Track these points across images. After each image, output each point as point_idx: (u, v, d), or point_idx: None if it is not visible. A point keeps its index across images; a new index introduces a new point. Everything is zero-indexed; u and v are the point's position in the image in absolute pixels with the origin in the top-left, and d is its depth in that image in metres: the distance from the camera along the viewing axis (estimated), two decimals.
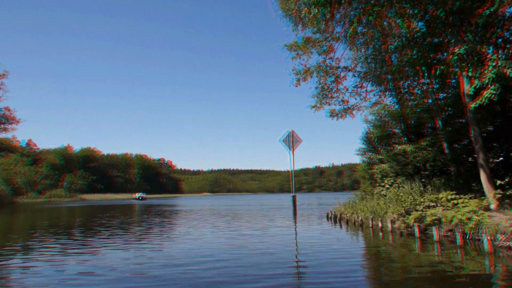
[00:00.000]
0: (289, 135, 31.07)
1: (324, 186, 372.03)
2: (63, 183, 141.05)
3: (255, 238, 15.81)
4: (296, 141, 30.80)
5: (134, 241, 16.05)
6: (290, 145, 30.53)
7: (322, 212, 28.74)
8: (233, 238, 15.99)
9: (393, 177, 17.38)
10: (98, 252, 13.40)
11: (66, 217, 33.91)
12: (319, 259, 11.31)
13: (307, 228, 18.60)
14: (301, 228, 18.67)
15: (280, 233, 17.06)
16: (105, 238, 17.30)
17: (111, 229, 21.05)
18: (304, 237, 15.85)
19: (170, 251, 13.16)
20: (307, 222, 21.48)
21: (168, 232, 18.89)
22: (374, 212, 17.68)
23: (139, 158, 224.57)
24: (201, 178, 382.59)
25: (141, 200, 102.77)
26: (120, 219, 28.85)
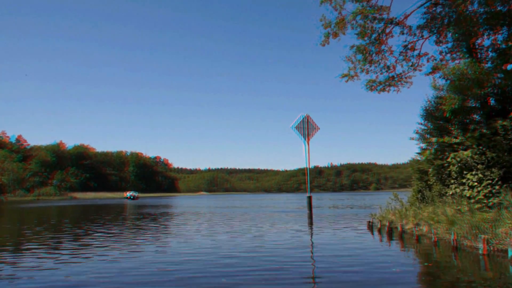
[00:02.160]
0: (303, 121, 24.82)
1: (323, 186, 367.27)
2: (53, 180, 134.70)
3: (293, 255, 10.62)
4: (313, 129, 24.83)
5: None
6: (305, 133, 24.60)
7: (344, 217, 23.37)
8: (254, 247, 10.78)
9: (482, 170, 11.63)
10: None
11: (38, 220, 28.53)
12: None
13: (347, 242, 13.11)
14: (340, 241, 13.25)
15: (325, 244, 12.17)
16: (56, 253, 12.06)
17: (72, 243, 15.70)
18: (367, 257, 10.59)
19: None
20: (339, 231, 16.21)
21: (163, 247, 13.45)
22: (470, 226, 11.04)
23: (134, 156, 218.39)
24: (198, 177, 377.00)
25: (133, 199, 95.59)
26: (97, 225, 23.42)
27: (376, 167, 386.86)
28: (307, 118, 24.56)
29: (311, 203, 24.48)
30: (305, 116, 24.77)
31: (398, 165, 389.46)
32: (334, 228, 17.89)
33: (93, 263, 10.39)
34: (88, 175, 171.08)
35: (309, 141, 24.13)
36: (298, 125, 24.48)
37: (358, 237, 14.34)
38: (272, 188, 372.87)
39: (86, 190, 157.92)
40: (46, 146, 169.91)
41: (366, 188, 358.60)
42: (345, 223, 20.11)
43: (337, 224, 19.66)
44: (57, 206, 58.46)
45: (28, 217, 31.29)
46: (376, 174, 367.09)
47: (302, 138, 24.32)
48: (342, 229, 17.28)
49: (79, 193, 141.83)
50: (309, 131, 24.32)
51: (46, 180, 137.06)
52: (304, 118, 24.57)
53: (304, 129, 24.19)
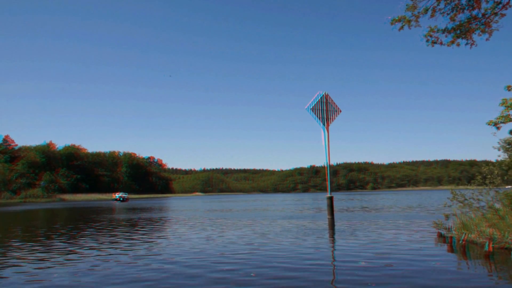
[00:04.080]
0: (321, 101, 19.65)
1: (319, 186, 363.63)
2: (40, 182, 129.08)
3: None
4: (333, 111, 19.79)
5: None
6: (323, 116, 19.47)
7: (377, 224, 17.72)
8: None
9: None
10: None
11: (7, 225, 23.79)
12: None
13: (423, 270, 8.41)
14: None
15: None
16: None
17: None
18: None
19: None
20: (395, 245, 11.63)
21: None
22: None
23: (127, 157, 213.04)
24: (193, 178, 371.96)
25: (122, 201, 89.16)
26: (60, 233, 18.76)
27: (372, 166, 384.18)
28: (326, 97, 19.48)
29: (332, 206, 19.07)
30: (324, 94, 19.74)
31: (394, 164, 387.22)
32: (384, 242, 12.56)
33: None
34: (79, 176, 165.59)
35: (328, 127, 19.16)
36: (315, 106, 19.44)
37: (444, 260, 9.63)
38: (268, 188, 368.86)
39: (77, 192, 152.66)
40: (35, 146, 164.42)
41: (363, 187, 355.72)
42: (392, 234, 13.99)
43: (380, 235, 13.87)
44: (40, 209, 53.60)
45: (2, 222, 26.64)
46: (372, 173, 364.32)
47: (320, 123, 19.52)
48: (397, 244, 11.86)
49: (69, 195, 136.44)
50: (329, 114, 19.35)
51: (34, 181, 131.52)
52: (322, 97, 19.51)
53: (323, 111, 19.35)
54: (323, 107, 19.31)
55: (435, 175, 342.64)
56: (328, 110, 19.46)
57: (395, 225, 17.35)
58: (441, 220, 13.97)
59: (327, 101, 19.49)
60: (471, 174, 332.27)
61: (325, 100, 19.48)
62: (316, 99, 19.33)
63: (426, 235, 13.86)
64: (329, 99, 19.57)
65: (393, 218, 21.16)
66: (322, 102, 19.40)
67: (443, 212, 15.33)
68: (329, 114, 19.46)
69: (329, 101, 19.54)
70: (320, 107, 19.30)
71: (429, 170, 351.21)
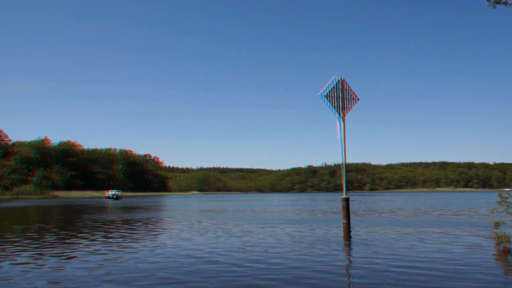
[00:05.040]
0: (336, 87, 16.86)
1: (317, 186, 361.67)
2: (33, 178, 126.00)
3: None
4: (350, 99, 17.05)
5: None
6: (339, 104, 16.73)
7: (400, 235, 14.20)
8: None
9: None
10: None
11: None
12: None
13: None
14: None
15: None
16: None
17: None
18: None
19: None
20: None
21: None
22: None
23: (123, 154, 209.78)
24: (190, 176, 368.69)
25: (116, 199, 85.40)
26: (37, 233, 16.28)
27: (370, 167, 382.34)
28: (342, 83, 17.14)
29: (349, 209, 16.28)
30: (340, 80, 17.16)
31: (392, 165, 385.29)
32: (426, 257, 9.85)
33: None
34: (74, 173, 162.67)
35: (344, 117, 16.65)
36: (329, 93, 16.63)
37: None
38: (265, 187, 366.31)
39: (71, 189, 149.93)
40: (29, 142, 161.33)
41: (361, 188, 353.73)
42: (434, 247, 11.20)
43: (414, 248, 11.11)
44: (26, 206, 51.05)
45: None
46: (370, 174, 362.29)
47: (335, 112, 16.67)
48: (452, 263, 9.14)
49: (62, 192, 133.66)
50: (346, 103, 16.80)
51: (27, 177, 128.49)
52: (338, 83, 17.07)
53: (338, 99, 16.71)
54: (339, 94, 16.65)
55: (433, 176, 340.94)
56: (345, 98, 16.75)
57: (429, 234, 14.52)
58: (505, 232, 10.88)
59: (343, 87, 16.81)
60: (469, 176, 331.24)
61: (341, 86, 16.77)
62: (330, 85, 16.56)
63: (483, 250, 11.07)
64: (345, 85, 16.86)
65: (419, 224, 18.26)
66: (338, 88, 16.69)
67: (491, 219, 12.55)
68: (345, 102, 16.75)
69: (345, 87, 16.84)
70: (336, 94, 16.60)
71: (427, 172, 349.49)
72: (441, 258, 9.74)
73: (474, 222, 18.59)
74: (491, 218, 12.24)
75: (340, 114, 16.60)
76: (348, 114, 16.56)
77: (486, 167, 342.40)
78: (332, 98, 16.60)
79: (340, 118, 16.55)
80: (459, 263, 9.08)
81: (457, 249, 11.13)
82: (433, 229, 15.78)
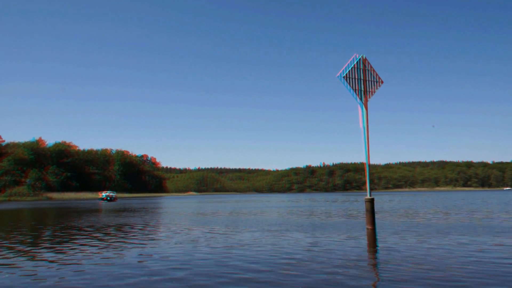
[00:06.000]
0: (357, 67, 14.32)
1: (315, 186, 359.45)
2: (26, 179, 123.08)
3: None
4: (373, 82, 14.56)
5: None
6: (361, 87, 14.22)
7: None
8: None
9: None
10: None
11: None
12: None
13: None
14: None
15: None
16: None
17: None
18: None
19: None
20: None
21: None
22: None
23: (119, 154, 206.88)
24: (187, 177, 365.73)
25: (110, 200, 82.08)
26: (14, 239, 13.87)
27: (369, 167, 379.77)
28: (363, 62, 14.51)
29: (373, 212, 13.71)
30: (361, 58, 14.59)
31: (391, 165, 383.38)
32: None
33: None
34: (69, 174, 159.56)
35: (367, 102, 14.19)
36: (349, 73, 14.11)
37: None
38: (263, 188, 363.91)
39: (67, 190, 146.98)
40: (23, 143, 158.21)
41: (359, 188, 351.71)
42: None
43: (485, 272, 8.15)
44: (15, 209, 48.52)
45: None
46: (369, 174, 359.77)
47: (357, 97, 14.16)
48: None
49: (57, 194, 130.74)
50: (368, 86, 14.30)
51: (20, 179, 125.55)
52: (359, 62, 14.43)
53: (360, 81, 14.23)
54: (360, 76, 14.04)
55: (432, 176, 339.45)
56: (367, 80, 14.18)
57: (490, 245, 11.62)
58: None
59: (365, 67, 14.19)
60: (468, 175, 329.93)
61: (362, 66, 14.24)
62: (350, 65, 13.90)
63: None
64: (367, 65, 14.26)
65: (463, 230, 15.03)
66: (359, 68, 14.06)
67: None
68: (368, 85, 14.15)
69: (367, 67, 14.32)
70: (357, 75, 13.92)
71: (426, 171, 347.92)
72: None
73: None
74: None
75: (362, 99, 14.01)
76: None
77: (484, 166, 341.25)
78: (353, 80, 13.88)
79: (362, 104, 13.98)
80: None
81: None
82: (483, 237, 13.15)
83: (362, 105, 13.91)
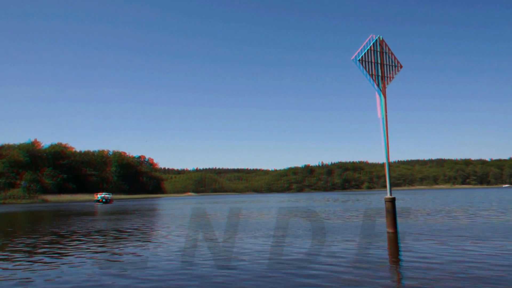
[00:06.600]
0: (374, 49, 12.66)
1: (314, 186, 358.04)
2: (21, 182, 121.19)
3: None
4: (392, 66, 12.83)
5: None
6: (378, 72, 12.58)
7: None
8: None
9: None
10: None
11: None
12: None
13: None
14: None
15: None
16: None
17: None
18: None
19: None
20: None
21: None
22: None
23: (117, 156, 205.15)
24: (185, 178, 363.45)
25: (105, 202, 79.47)
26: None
27: (367, 165, 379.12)
28: (380, 43, 12.81)
29: (395, 213, 11.88)
30: (378, 39, 12.77)
31: (389, 163, 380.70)
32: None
33: None
34: (65, 176, 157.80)
35: (385, 88, 12.50)
36: (365, 56, 12.41)
37: None
38: (262, 188, 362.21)
39: (63, 192, 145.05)
40: (19, 145, 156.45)
41: (358, 187, 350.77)
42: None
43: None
44: (4, 212, 46.82)
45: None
46: (368, 172, 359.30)
47: (374, 83, 12.41)
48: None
49: (53, 196, 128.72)
50: (386, 70, 12.61)
51: (15, 181, 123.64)
52: (375, 43, 12.74)
53: (377, 65, 12.54)
54: (377, 59, 12.39)
55: (431, 174, 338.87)
56: (384, 64, 12.55)
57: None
58: None
59: (382, 50, 12.56)
60: (467, 173, 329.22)
61: (379, 48, 12.58)
62: (366, 46, 12.13)
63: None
64: (385, 48, 12.55)
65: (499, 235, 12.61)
66: (376, 50, 12.38)
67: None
68: (385, 69, 12.52)
69: (385, 50, 12.61)
70: (374, 58, 12.24)
71: (425, 169, 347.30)
72: None
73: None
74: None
75: (379, 85, 12.33)
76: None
77: (483, 164, 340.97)
78: (369, 63, 12.15)
79: (380, 91, 12.30)
80: None
81: None
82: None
83: (380, 92, 12.21)
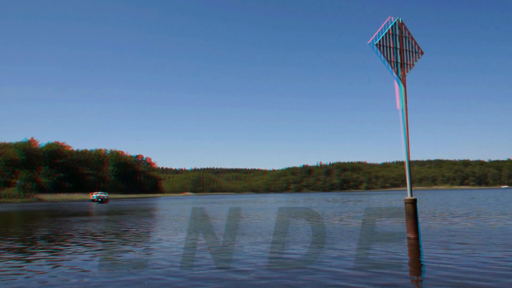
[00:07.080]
0: (393, 33, 11.36)
1: (312, 186, 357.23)
2: (16, 181, 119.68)
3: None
4: (413, 52, 11.65)
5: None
6: (397, 59, 11.32)
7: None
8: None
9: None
10: None
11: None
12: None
13: None
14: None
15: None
16: None
17: None
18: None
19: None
20: None
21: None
22: None
23: (114, 155, 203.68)
24: (183, 177, 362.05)
25: (101, 202, 77.17)
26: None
27: (366, 166, 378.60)
28: (399, 27, 11.48)
29: (417, 216, 10.47)
30: (397, 22, 11.49)
31: (388, 164, 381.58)
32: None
33: None
34: (62, 175, 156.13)
35: (405, 77, 11.27)
36: (382, 40, 11.15)
37: None
38: (260, 188, 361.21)
39: (59, 191, 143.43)
40: (15, 143, 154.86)
41: (357, 187, 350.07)
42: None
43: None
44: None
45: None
46: (366, 173, 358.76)
47: (393, 70, 11.14)
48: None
49: (49, 195, 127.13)
50: (406, 56, 11.36)
51: (11, 180, 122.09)
52: (394, 26, 11.40)
53: (396, 50, 11.28)
54: (396, 44, 11.07)
55: (429, 174, 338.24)
56: (404, 50, 11.25)
57: None
58: None
59: (401, 34, 11.16)
60: (465, 174, 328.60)
61: (398, 32, 11.26)
62: (384, 29, 10.85)
63: None
64: (405, 32, 11.18)
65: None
66: (395, 34, 11.06)
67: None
68: (405, 56, 11.21)
69: (405, 34, 11.26)
70: (392, 43, 10.90)
71: (423, 170, 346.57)
72: None
73: None
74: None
75: (398, 73, 11.03)
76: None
77: (481, 165, 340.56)
78: (387, 48, 10.84)
79: (399, 79, 11.02)
80: None
81: None
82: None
83: (399, 80, 10.90)
